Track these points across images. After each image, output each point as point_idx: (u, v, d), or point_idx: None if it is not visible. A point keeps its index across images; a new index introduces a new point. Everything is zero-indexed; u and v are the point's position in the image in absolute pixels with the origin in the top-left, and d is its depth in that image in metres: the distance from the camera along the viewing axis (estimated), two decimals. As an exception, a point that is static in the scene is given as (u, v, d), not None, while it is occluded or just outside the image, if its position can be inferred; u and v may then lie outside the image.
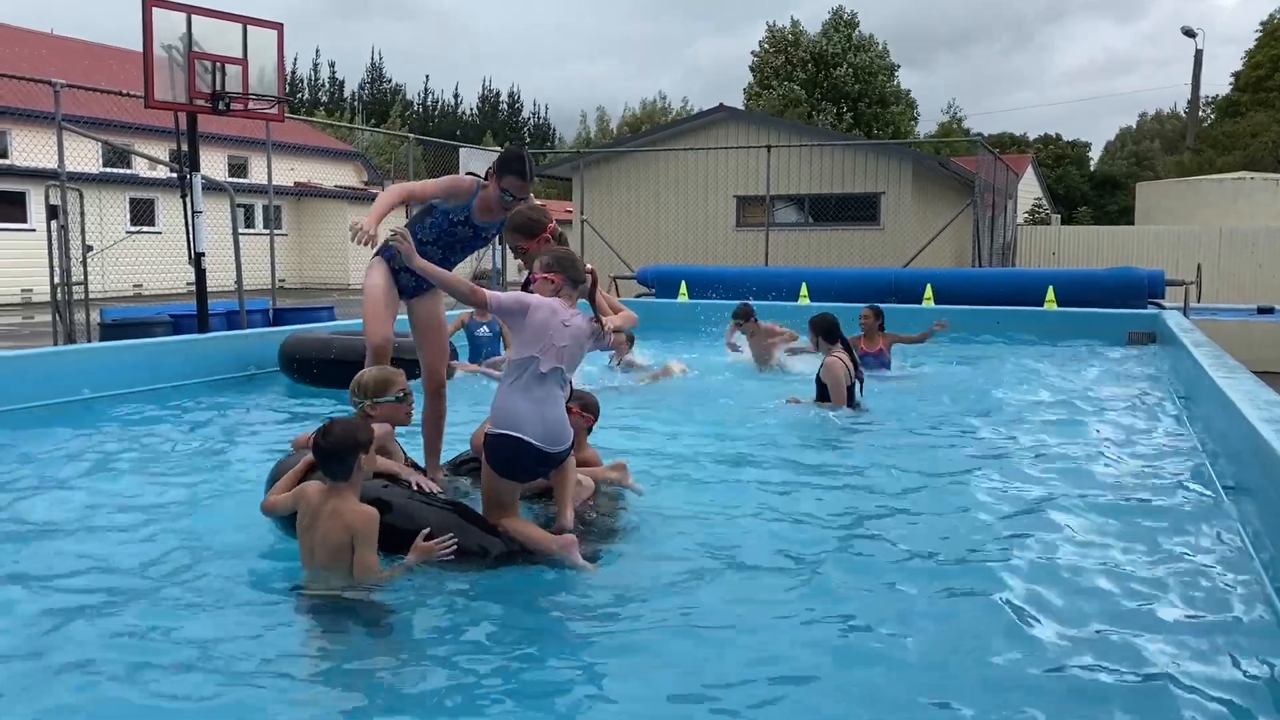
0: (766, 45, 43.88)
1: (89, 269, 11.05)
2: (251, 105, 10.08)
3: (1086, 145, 56.88)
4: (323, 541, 3.62)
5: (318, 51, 69.04)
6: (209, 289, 10.35)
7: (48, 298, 11.06)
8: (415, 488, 4.12)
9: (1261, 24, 48.23)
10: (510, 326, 4.09)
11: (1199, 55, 43.72)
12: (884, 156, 21.87)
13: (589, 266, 4.32)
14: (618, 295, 17.08)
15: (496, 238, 5.00)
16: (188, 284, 12.10)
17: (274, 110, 10.41)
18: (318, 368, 8.21)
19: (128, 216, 22.62)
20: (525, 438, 3.88)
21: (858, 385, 7.40)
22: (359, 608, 3.50)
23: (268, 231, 14.51)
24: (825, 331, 7.50)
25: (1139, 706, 2.85)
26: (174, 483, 5.32)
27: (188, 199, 10.10)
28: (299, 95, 58.59)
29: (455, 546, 3.75)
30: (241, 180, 26.58)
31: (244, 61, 9.89)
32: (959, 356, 10.88)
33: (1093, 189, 50.11)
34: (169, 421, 7.14)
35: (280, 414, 7.52)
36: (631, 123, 57.74)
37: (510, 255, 4.98)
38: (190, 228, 10.10)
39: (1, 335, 15.64)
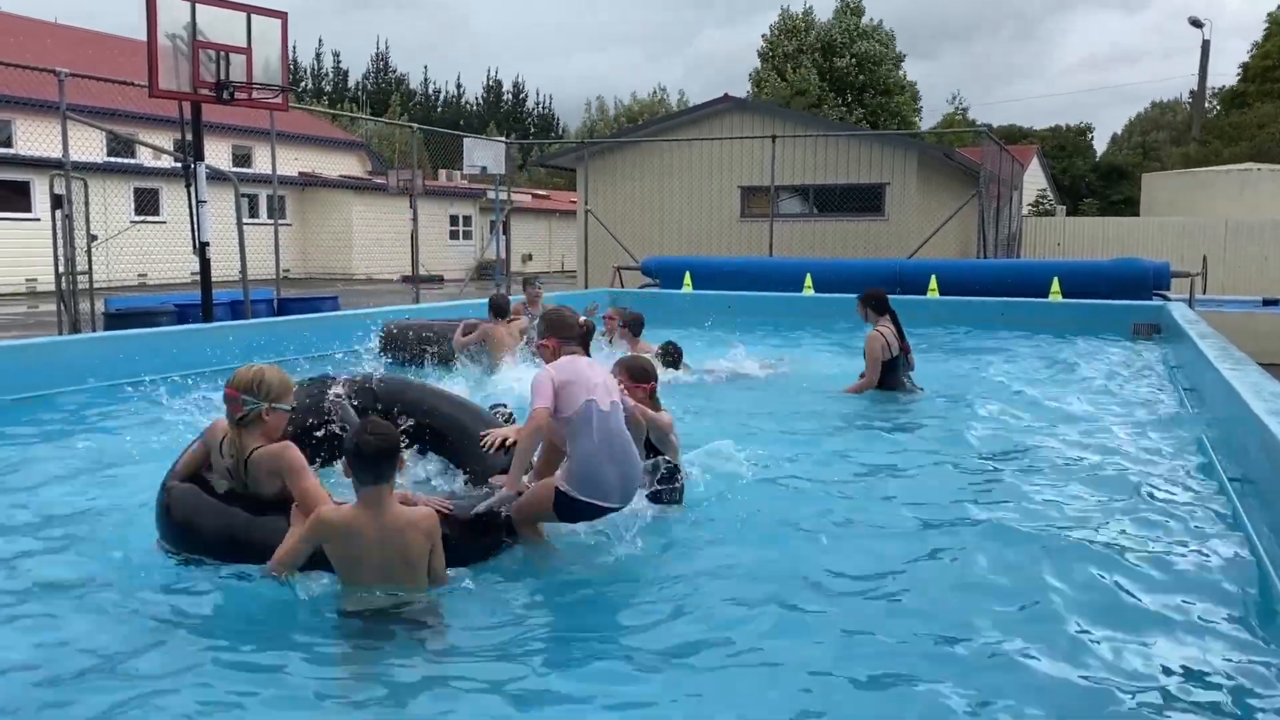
0: (778, 30, 43.69)
1: (93, 258, 11.07)
2: (255, 95, 10.07)
3: (1090, 129, 56.49)
4: (399, 555, 3.43)
5: (320, 41, 68.73)
6: (213, 279, 10.36)
7: (52, 287, 11.08)
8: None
9: (1269, 15, 47.92)
10: (561, 398, 3.94)
11: (1206, 46, 43.59)
12: (889, 147, 21.81)
13: (582, 319, 4.54)
14: (621, 286, 17.11)
15: None
16: (192, 274, 12.10)
17: (278, 100, 10.40)
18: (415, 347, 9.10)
19: (132, 206, 22.61)
20: (609, 505, 3.91)
21: (904, 359, 7.58)
22: (417, 621, 3.37)
23: (272, 221, 14.50)
24: (875, 304, 7.80)
25: (1139, 703, 2.85)
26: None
27: (192, 189, 10.11)
28: (303, 85, 58.46)
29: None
30: (245, 170, 26.58)
31: (248, 51, 9.88)
32: (963, 349, 10.87)
33: (1099, 179, 49.87)
34: (174, 413, 7.12)
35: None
36: (626, 115, 57.48)
37: (512, 247, 4.99)
38: (194, 217, 10.10)
39: (6, 324, 15.66)
